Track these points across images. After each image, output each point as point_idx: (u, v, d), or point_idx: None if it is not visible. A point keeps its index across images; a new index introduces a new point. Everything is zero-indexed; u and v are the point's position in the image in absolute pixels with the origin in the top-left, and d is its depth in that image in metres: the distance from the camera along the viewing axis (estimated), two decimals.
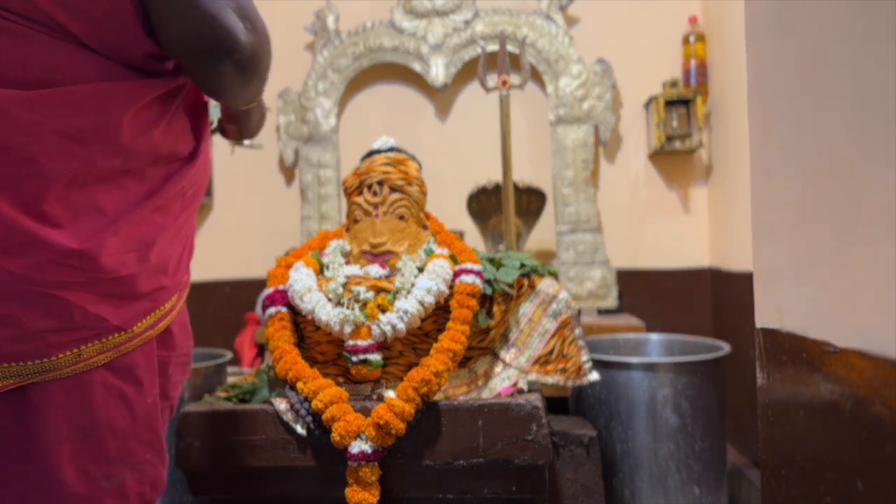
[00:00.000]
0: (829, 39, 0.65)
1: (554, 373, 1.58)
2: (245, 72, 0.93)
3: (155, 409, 0.97)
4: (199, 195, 1.06)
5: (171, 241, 0.98)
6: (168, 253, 0.97)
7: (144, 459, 0.96)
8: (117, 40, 0.86)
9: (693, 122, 2.65)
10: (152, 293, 0.94)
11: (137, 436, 0.95)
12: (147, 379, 0.95)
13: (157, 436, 0.99)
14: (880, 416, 0.56)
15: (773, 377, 0.80)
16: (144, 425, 0.96)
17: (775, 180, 0.79)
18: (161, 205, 0.94)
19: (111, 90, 0.85)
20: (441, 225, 1.68)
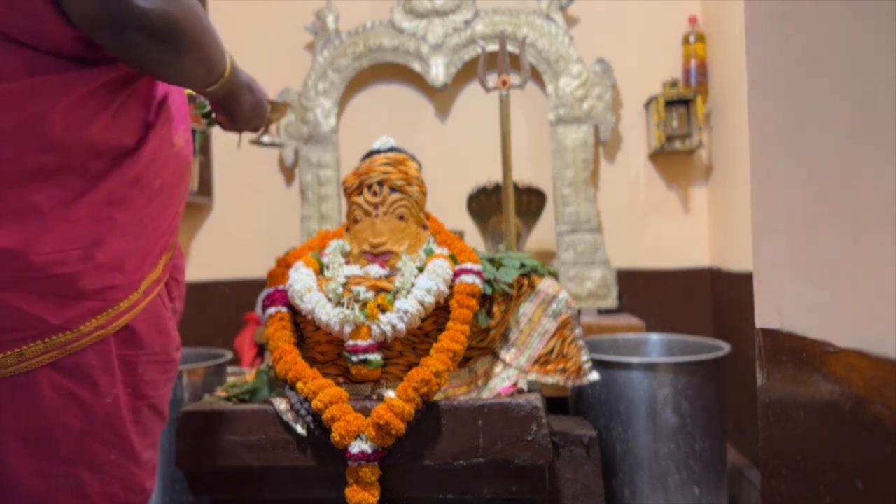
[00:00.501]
0: (828, 39, 0.65)
1: (554, 373, 1.58)
2: (165, 43, 0.85)
3: (116, 409, 0.95)
4: (170, 188, 1.02)
5: (130, 237, 0.95)
6: (125, 250, 0.94)
7: (108, 460, 0.95)
8: (36, 26, 0.82)
9: (693, 122, 2.65)
10: (101, 292, 0.91)
11: (96, 436, 0.93)
12: (103, 379, 0.93)
13: (123, 436, 0.97)
14: (880, 416, 0.56)
15: (773, 377, 0.80)
16: (104, 426, 0.94)
17: (775, 180, 0.79)
18: (115, 199, 0.91)
19: (35, 86, 0.82)
20: (441, 225, 1.68)
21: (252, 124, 1.23)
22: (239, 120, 1.18)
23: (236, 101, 1.13)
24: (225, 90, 1.07)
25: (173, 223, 1.06)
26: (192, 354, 2.11)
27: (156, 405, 1.05)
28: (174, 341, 1.09)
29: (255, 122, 1.23)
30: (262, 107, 1.20)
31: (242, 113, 1.16)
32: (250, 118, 1.20)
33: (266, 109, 1.22)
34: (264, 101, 1.20)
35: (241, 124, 1.20)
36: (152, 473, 1.05)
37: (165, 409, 1.09)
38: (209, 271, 3.08)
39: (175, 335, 1.10)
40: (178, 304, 1.19)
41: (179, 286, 1.18)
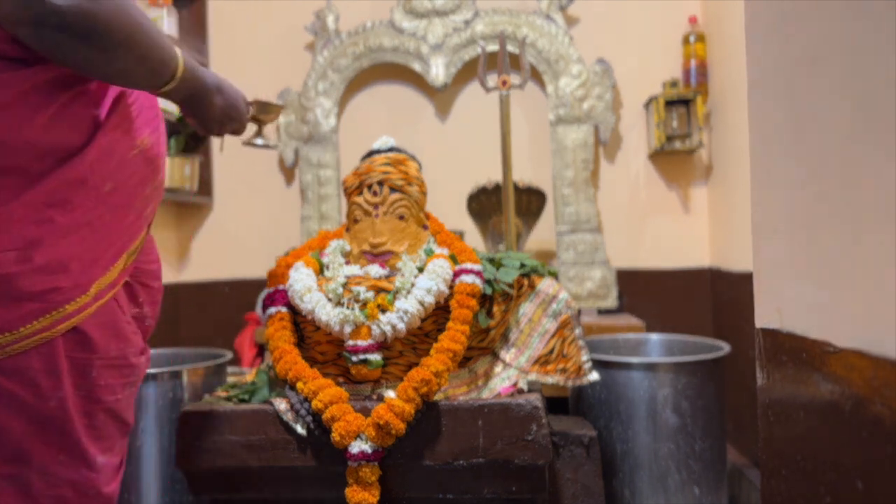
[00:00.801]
0: (828, 39, 0.65)
1: (554, 373, 1.58)
2: (86, 41, 0.83)
3: (63, 412, 0.94)
4: (127, 191, 1.00)
5: (76, 240, 0.93)
6: (68, 252, 0.92)
7: (55, 461, 0.95)
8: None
9: (693, 122, 2.65)
10: (43, 294, 0.90)
11: (40, 438, 0.93)
12: (46, 382, 0.92)
13: (73, 439, 0.96)
14: (880, 415, 0.56)
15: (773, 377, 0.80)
16: (49, 428, 0.94)
17: (775, 180, 0.79)
18: (56, 201, 0.89)
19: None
20: (441, 225, 1.68)
21: (228, 128, 1.20)
22: (209, 123, 1.16)
23: (202, 103, 1.11)
24: (185, 92, 1.05)
25: (134, 227, 1.05)
26: (192, 354, 2.11)
27: (114, 410, 1.04)
28: (134, 346, 1.07)
29: (232, 126, 1.20)
30: (237, 109, 1.17)
31: (212, 116, 1.14)
32: (222, 121, 1.17)
33: (241, 112, 1.19)
34: (238, 103, 1.17)
35: (213, 128, 1.17)
36: (113, 477, 1.04)
37: (127, 413, 1.07)
38: (209, 271, 3.08)
39: (135, 340, 1.08)
40: (149, 309, 1.17)
41: (151, 291, 1.17)
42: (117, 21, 0.85)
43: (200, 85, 1.07)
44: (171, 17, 2.77)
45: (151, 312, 1.19)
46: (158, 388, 1.77)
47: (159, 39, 0.94)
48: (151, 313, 1.19)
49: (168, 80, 0.99)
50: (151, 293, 1.17)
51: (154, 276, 1.18)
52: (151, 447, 1.75)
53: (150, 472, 1.75)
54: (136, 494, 1.73)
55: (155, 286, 1.18)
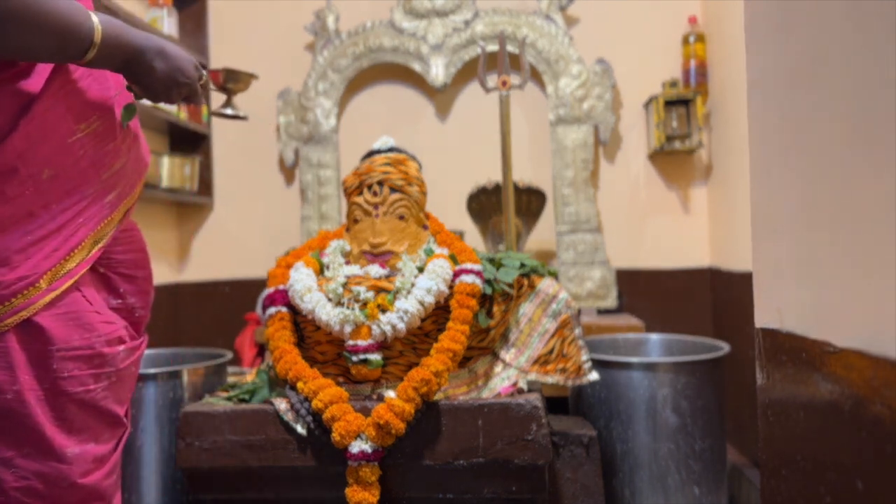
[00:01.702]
0: (828, 40, 0.65)
1: (554, 372, 1.58)
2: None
3: (22, 405, 0.94)
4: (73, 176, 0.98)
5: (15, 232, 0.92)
6: (6, 246, 0.91)
7: (21, 454, 0.95)
8: None
9: (693, 122, 2.65)
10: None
11: (1, 431, 0.93)
12: (0, 376, 0.93)
13: (36, 432, 0.96)
14: (880, 415, 0.56)
15: (772, 377, 0.80)
16: (9, 421, 0.94)
17: (775, 180, 0.79)
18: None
19: None
20: (441, 225, 1.69)
21: (175, 94, 1.11)
22: (153, 90, 1.08)
23: (142, 69, 1.04)
24: (116, 59, 0.99)
25: (93, 214, 1.02)
26: (193, 354, 2.11)
27: (87, 401, 1.02)
28: (102, 335, 1.04)
29: (181, 92, 1.12)
30: (183, 74, 1.09)
31: (156, 82, 1.06)
32: (168, 87, 1.09)
33: (190, 78, 1.11)
34: (185, 68, 1.10)
35: (158, 95, 1.10)
36: (95, 467, 1.03)
37: (108, 404, 1.06)
38: (209, 271, 3.08)
39: (107, 329, 1.05)
40: (137, 300, 1.15)
41: (136, 281, 1.14)
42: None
43: (133, 49, 1.01)
44: (171, 17, 2.78)
45: (141, 303, 1.17)
46: (159, 388, 1.77)
47: (60, 7, 0.89)
48: (141, 303, 1.17)
49: (86, 48, 0.93)
50: (137, 283, 1.15)
51: (137, 265, 1.16)
52: (152, 447, 1.75)
53: (151, 472, 1.75)
54: (136, 494, 1.73)
55: (140, 275, 1.16)
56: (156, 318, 2.63)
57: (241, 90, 1.38)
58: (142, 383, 1.75)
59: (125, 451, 1.73)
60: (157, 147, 2.92)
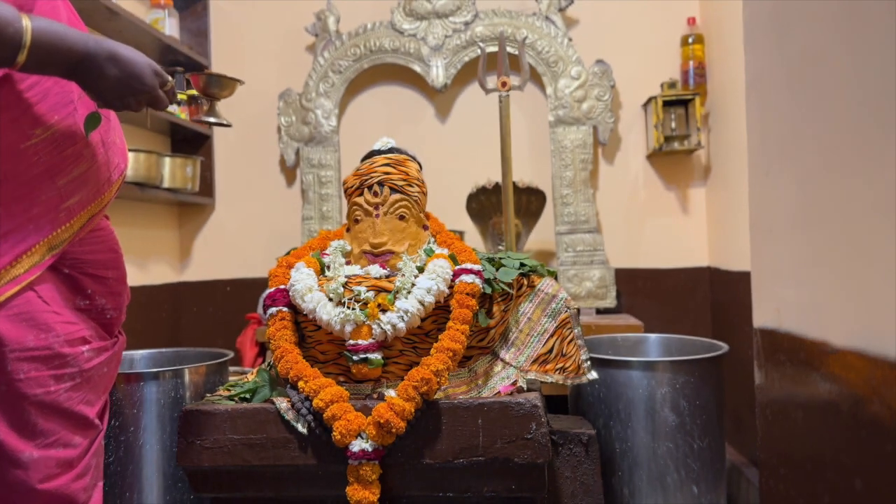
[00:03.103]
0: (826, 41, 0.66)
1: (553, 372, 1.59)
2: None
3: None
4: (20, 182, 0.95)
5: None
6: None
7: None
8: None
9: (691, 122, 2.66)
10: None
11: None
12: None
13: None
14: (878, 415, 0.57)
15: (771, 377, 0.80)
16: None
17: (773, 180, 0.79)
18: None
19: None
20: (441, 225, 1.69)
21: (131, 101, 1.05)
22: (105, 97, 1.02)
23: (90, 75, 0.98)
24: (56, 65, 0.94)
25: (47, 219, 0.99)
26: (194, 354, 2.11)
27: (49, 403, 1.00)
28: (61, 335, 1.02)
29: (138, 99, 1.05)
30: (139, 80, 1.02)
31: (106, 88, 1.00)
32: (122, 94, 1.02)
33: (146, 84, 1.04)
34: (140, 74, 1.03)
35: (112, 102, 1.04)
36: (58, 473, 1.01)
37: (74, 405, 1.03)
38: (210, 271, 3.09)
39: (63, 328, 1.02)
40: (107, 301, 1.13)
41: (106, 282, 1.13)
42: None
43: (77, 54, 0.95)
44: (172, 18, 2.78)
45: (112, 304, 1.15)
46: (160, 387, 1.78)
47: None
48: (112, 304, 1.15)
49: (14, 52, 0.88)
50: (107, 284, 1.13)
51: (107, 266, 1.13)
52: (153, 446, 1.75)
53: (152, 471, 1.75)
54: (137, 493, 1.74)
55: (111, 276, 1.14)
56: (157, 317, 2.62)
57: (226, 96, 1.30)
58: (143, 382, 1.75)
59: (127, 450, 1.74)
60: (159, 147, 2.93)
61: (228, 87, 1.29)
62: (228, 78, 1.28)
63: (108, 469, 1.72)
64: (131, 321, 1.24)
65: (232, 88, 1.30)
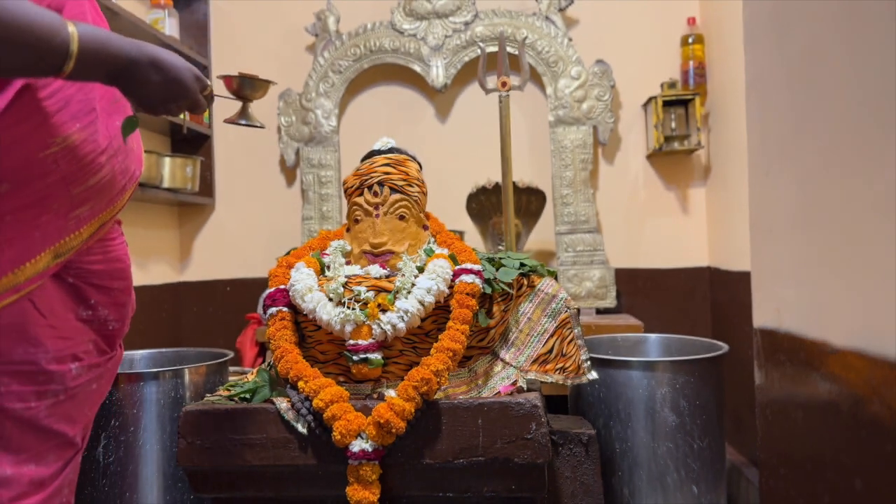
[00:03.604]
0: (826, 41, 0.66)
1: (553, 372, 1.59)
2: None
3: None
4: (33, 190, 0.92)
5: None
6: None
7: None
8: None
9: (691, 122, 2.66)
10: None
11: None
12: None
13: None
14: (878, 415, 0.57)
15: (771, 377, 0.80)
16: None
17: (774, 181, 0.79)
18: None
19: None
20: (441, 225, 1.69)
21: (173, 106, 1.05)
22: (148, 103, 1.02)
23: (133, 81, 0.98)
24: (100, 71, 0.93)
25: (54, 227, 0.96)
26: (194, 354, 2.11)
27: (27, 419, 0.95)
28: (50, 351, 0.98)
29: (179, 104, 1.06)
30: (180, 85, 1.03)
31: (150, 94, 1.00)
32: (165, 100, 1.03)
33: (188, 89, 1.05)
34: (183, 79, 1.03)
35: (154, 107, 1.03)
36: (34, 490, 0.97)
37: (49, 422, 0.99)
38: (210, 271, 3.09)
39: (54, 344, 0.99)
40: (110, 312, 1.10)
41: (111, 293, 1.09)
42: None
43: (121, 60, 0.94)
44: (172, 18, 2.78)
45: (115, 315, 1.12)
46: (160, 387, 1.78)
47: (32, 18, 0.83)
48: (115, 316, 1.12)
49: (62, 61, 0.86)
50: (112, 294, 1.10)
51: (112, 277, 1.10)
52: (153, 446, 1.75)
53: (152, 471, 1.75)
54: (137, 493, 1.74)
55: (116, 286, 1.11)
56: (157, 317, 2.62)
57: (259, 97, 1.29)
58: (143, 382, 1.75)
59: (127, 450, 1.74)
60: (159, 147, 2.93)
61: (262, 89, 1.27)
62: (261, 80, 1.26)
63: (109, 469, 1.72)
64: (132, 321, 1.23)
65: (265, 90, 1.28)
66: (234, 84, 1.25)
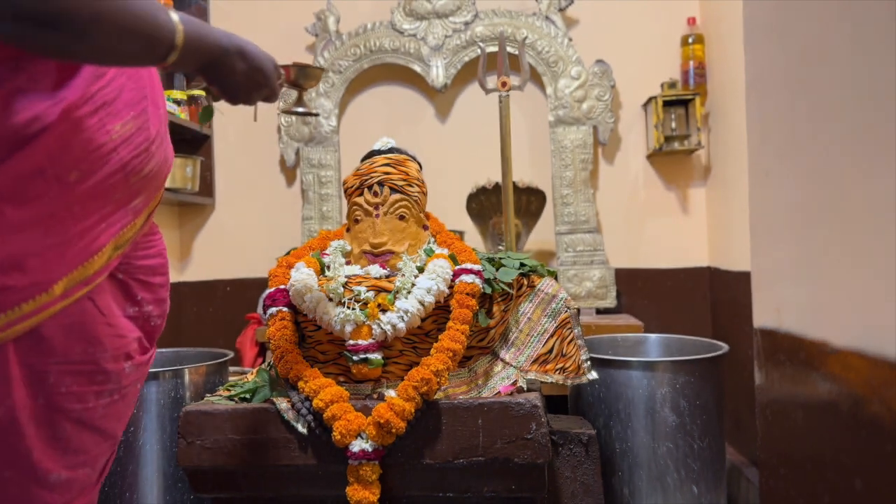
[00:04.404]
0: (826, 41, 0.66)
1: (553, 372, 1.59)
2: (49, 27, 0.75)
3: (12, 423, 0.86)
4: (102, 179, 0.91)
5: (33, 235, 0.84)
6: (22, 249, 0.83)
7: (1, 477, 0.86)
8: None
9: (692, 122, 2.66)
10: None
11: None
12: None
13: (21, 453, 0.87)
14: (878, 415, 0.57)
15: (771, 377, 0.80)
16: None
17: (774, 181, 0.79)
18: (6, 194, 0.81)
19: None
20: (441, 225, 1.69)
21: (256, 95, 1.08)
22: (234, 92, 1.04)
23: (222, 71, 0.99)
24: (197, 61, 0.95)
25: (116, 218, 0.95)
26: (194, 354, 2.11)
27: (84, 420, 0.94)
28: (109, 350, 0.97)
29: (261, 93, 1.08)
30: (263, 74, 1.05)
31: (236, 83, 1.02)
32: (249, 89, 1.05)
33: (269, 78, 1.07)
34: (265, 67, 1.06)
35: (239, 96, 1.06)
36: (78, 495, 0.96)
37: (104, 423, 0.98)
38: (211, 271, 3.09)
39: (112, 343, 0.98)
40: (154, 308, 1.09)
41: (153, 288, 1.08)
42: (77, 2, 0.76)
43: (215, 51, 0.96)
44: None
45: (158, 311, 1.11)
46: (160, 388, 1.78)
47: (143, 10, 0.83)
48: (158, 312, 1.11)
49: (167, 51, 0.88)
50: (154, 290, 1.09)
51: (155, 272, 1.09)
52: (153, 446, 1.76)
53: (152, 471, 1.75)
54: (137, 493, 1.74)
55: (158, 282, 1.10)
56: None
57: (312, 86, 1.31)
58: (144, 382, 1.75)
59: (127, 450, 1.74)
60: None
61: (315, 77, 1.29)
62: (316, 68, 1.28)
63: None
64: None
65: (318, 77, 1.31)
66: (292, 74, 1.26)
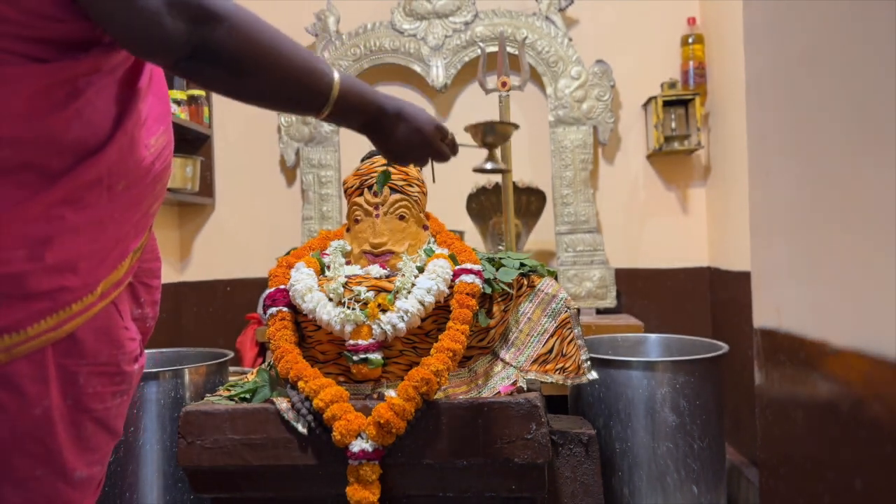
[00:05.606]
0: (826, 40, 0.66)
1: (553, 372, 1.59)
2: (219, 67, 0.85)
3: (47, 422, 0.88)
4: (139, 189, 0.95)
5: (86, 239, 0.88)
6: (78, 251, 0.87)
7: (32, 476, 0.88)
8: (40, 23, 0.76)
9: (692, 122, 2.66)
10: (52, 293, 0.85)
11: (21, 450, 0.87)
12: (33, 389, 0.86)
13: (53, 451, 0.90)
14: (878, 415, 0.57)
15: (771, 377, 0.80)
16: (31, 439, 0.87)
17: (774, 181, 0.79)
18: (71, 199, 0.84)
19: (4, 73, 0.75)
20: (441, 225, 1.69)
21: (413, 157, 1.13)
22: (391, 152, 1.11)
23: (381, 131, 1.07)
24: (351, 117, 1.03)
25: (140, 224, 1.00)
26: (194, 354, 2.11)
27: (102, 419, 0.97)
28: (127, 353, 1.00)
29: (418, 154, 1.13)
30: (421, 136, 1.10)
31: (396, 143, 1.09)
32: (406, 150, 1.11)
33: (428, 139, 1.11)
34: (423, 129, 1.10)
35: (396, 157, 1.12)
36: (93, 492, 0.98)
37: (116, 422, 1.01)
38: (211, 271, 3.09)
39: (130, 347, 1.01)
40: (150, 310, 1.12)
41: (151, 291, 1.11)
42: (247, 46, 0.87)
43: (373, 110, 1.04)
44: None
45: (152, 313, 1.14)
46: (160, 388, 1.78)
47: (304, 56, 0.93)
48: (152, 314, 1.14)
49: (323, 103, 0.97)
50: (151, 292, 1.13)
51: (154, 275, 1.13)
52: (153, 446, 1.75)
53: (152, 471, 1.75)
54: (137, 493, 1.74)
55: (154, 285, 1.13)
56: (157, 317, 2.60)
57: (501, 143, 1.30)
58: (143, 383, 1.75)
59: (127, 450, 1.74)
60: None
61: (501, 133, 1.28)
62: (506, 123, 1.28)
63: (108, 469, 1.72)
64: None
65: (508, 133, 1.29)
66: (480, 133, 1.28)
